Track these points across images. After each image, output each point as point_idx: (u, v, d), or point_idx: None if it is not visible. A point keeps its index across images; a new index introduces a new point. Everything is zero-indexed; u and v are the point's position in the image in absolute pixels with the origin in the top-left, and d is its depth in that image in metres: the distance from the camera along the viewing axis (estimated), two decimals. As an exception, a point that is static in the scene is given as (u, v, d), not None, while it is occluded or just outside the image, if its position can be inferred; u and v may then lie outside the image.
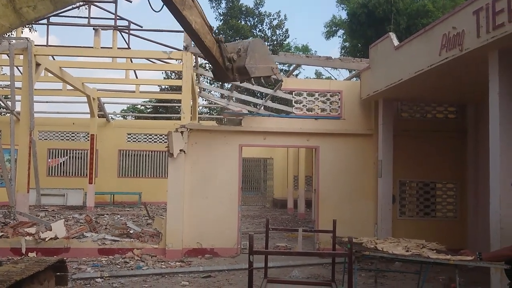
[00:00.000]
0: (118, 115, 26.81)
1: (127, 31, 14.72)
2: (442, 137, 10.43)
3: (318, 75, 33.68)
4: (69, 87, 16.66)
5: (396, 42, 8.56)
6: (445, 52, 6.69)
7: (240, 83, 9.32)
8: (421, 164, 10.39)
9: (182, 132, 9.95)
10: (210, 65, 8.80)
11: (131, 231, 10.95)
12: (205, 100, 25.94)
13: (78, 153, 21.59)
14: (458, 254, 5.08)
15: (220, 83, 29.28)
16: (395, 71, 8.40)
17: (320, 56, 11.19)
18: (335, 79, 17.99)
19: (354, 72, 11.83)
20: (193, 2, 7.13)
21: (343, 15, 30.52)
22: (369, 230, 10.05)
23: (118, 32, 14.46)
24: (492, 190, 6.12)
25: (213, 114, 30.67)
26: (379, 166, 9.84)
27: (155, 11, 7.61)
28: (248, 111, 12.66)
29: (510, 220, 5.87)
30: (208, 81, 30.12)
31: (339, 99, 10.67)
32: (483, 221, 9.06)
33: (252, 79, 8.90)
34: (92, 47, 13.17)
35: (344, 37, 30.89)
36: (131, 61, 15.64)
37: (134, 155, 21.90)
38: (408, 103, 10.50)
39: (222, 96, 23.74)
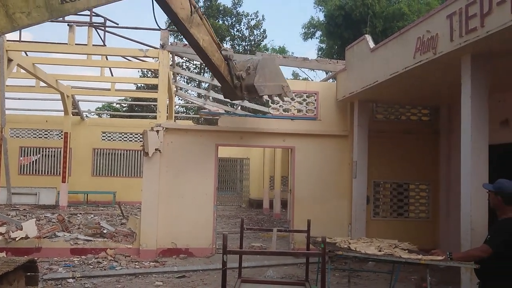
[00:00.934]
0: (92, 113, 26.45)
1: (102, 28, 14.53)
2: (416, 138, 10.58)
3: (295, 76, 33.86)
4: (43, 84, 16.34)
5: (372, 45, 8.65)
6: (419, 55, 6.79)
7: (250, 101, 9.19)
8: (395, 165, 10.52)
9: (157, 131, 9.87)
10: (219, 83, 8.72)
11: (105, 231, 10.80)
12: (182, 99, 25.78)
13: (51, 152, 21.16)
14: (429, 254, 5.16)
15: (197, 82, 29.24)
16: (370, 73, 8.49)
17: (297, 57, 11.23)
18: (312, 80, 18.10)
19: (330, 73, 11.91)
20: (201, 20, 7.12)
21: (321, 16, 30.75)
22: (343, 230, 10.13)
23: (93, 28, 14.25)
24: (463, 192, 6.24)
25: (190, 114, 30.49)
26: (353, 167, 9.94)
27: (160, 28, 7.67)
28: (225, 110, 12.62)
29: (480, 221, 6.00)
30: (185, 80, 29.97)
31: (315, 100, 10.73)
32: (454, 221, 9.23)
33: (263, 96, 8.85)
34: (66, 44, 12.94)
35: (322, 38, 31.16)
36: (107, 59, 15.42)
37: (108, 154, 21.60)
38: (383, 105, 10.63)
39: (199, 95, 23.65)
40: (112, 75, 17.53)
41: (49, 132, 21.39)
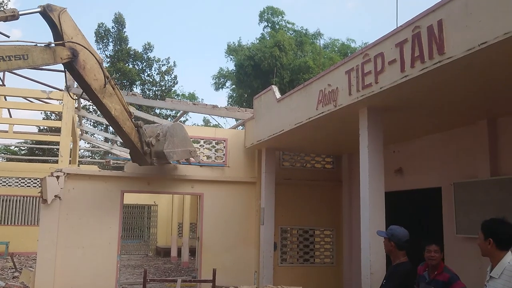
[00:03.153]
0: (-14, 157, 24.57)
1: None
2: (320, 186, 10.97)
3: (206, 122, 34.12)
4: None
5: (278, 95, 8.97)
6: (321, 107, 7.13)
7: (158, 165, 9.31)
8: (301, 211, 10.76)
9: (58, 177, 9.34)
10: (128, 148, 8.90)
11: (-7, 286, 9.86)
12: (88, 143, 24.81)
13: None
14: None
15: (105, 126, 28.38)
16: (277, 122, 8.76)
17: (206, 104, 11.37)
18: (222, 127, 18.33)
19: (239, 121, 12.15)
20: (113, 90, 7.24)
21: (231, 66, 31.62)
22: (251, 277, 10.09)
23: (-9, 67, 13.46)
24: (363, 237, 6.50)
25: (96, 158, 29.40)
26: (261, 214, 10.03)
27: (73, 98, 7.97)
28: (132, 156, 12.31)
29: (378, 266, 6.26)
30: (92, 124, 28.98)
31: (224, 147, 10.83)
32: (356, 266, 9.55)
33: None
34: (-41, 82, 12.07)
35: (232, 87, 31.93)
36: (5, 99, 14.56)
37: (3, 200, 19.94)
38: (289, 153, 10.95)
39: (106, 139, 22.92)
40: (10, 116, 16.53)
41: None
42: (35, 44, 5.92)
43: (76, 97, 9.67)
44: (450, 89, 5.66)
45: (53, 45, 6.16)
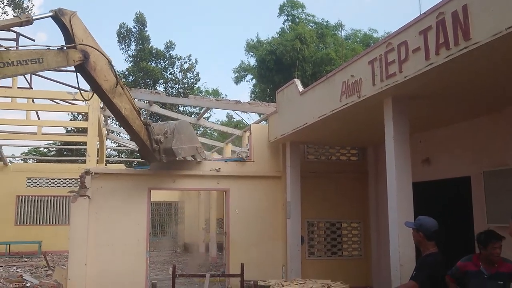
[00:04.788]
0: (17, 159, 25.15)
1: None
2: (346, 178, 10.88)
3: (229, 117, 34.24)
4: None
5: (301, 88, 8.91)
6: (345, 98, 7.06)
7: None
8: (327, 204, 10.70)
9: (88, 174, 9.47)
10: (137, 146, 9.15)
11: (28, 284, 10.13)
12: (114, 143, 25.18)
13: (-31, 200, 19.73)
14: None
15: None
16: (300, 116, 8.71)
17: (229, 100, 11.41)
18: (245, 122, 18.35)
19: (262, 115, 12.15)
20: (122, 90, 7.45)
21: (252, 61, 31.54)
22: (279, 271, 10.10)
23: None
24: (391, 229, 6.42)
25: (122, 157, 29.83)
26: (287, 207, 10.01)
27: (85, 100, 8.19)
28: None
29: (408, 258, 6.16)
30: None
31: (248, 142, 10.84)
32: (385, 258, 9.45)
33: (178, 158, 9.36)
34: (-12, 86, 12.38)
35: (255, 83, 31.90)
36: (33, 101, 14.87)
37: (34, 200, 20.40)
38: (314, 146, 10.89)
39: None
40: (38, 118, 16.89)
41: (-33, 179, 20.01)
42: (48, 48, 6.08)
43: (87, 101, 9.90)
44: (477, 75, 5.54)
45: (65, 48, 6.30)
